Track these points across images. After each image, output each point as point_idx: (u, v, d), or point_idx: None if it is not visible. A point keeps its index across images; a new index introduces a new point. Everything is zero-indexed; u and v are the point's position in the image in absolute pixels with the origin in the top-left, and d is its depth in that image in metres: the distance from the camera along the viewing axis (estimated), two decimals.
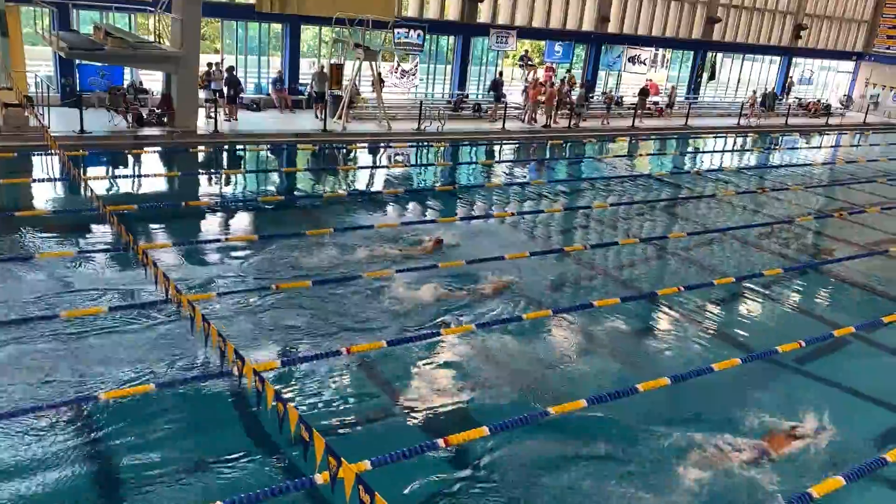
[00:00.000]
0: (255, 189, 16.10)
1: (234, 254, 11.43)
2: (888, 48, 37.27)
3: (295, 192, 16.20)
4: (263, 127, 20.64)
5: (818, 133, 32.38)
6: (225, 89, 20.85)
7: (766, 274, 12.66)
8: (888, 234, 16.29)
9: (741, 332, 10.48)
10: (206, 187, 16.19)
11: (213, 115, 19.49)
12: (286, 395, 7.52)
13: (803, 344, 9.62)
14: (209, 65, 21.39)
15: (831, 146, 30.77)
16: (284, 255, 11.42)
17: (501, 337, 9.35)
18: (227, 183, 16.54)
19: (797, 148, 29.33)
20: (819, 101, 36.33)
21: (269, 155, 19.38)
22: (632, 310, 10.68)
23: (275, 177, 17.56)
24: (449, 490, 6.47)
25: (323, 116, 21.50)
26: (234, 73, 21.34)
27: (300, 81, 24.47)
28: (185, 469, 6.38)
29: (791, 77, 37.25)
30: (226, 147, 19.24)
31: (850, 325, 10.57)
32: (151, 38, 20.32)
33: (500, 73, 27.83)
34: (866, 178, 22.28)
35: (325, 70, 22.14)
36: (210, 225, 13.25)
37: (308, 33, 26.72)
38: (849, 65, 38.84)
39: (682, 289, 11.44)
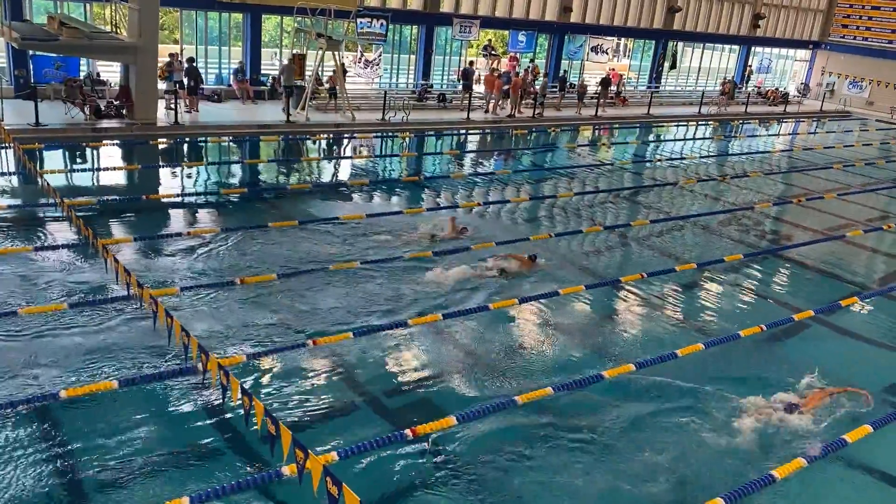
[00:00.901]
0: (218, 181, 15.89)
1: (197, 247, 11.28)
2: (843, 37, 38.06)
3: (258, 185, 16.03)
4: (225, 118, 20.36)
5: (777, 121, 32.98)
6: (185, 80, 20.51)
7: (727, 260, 12.89)
8: (845, 220, 16.69)
9: (703, 318, 10.67)
10: (168, 180, 15.93)
11: (173, 106, 19.17)
12: (253, 389, 7.48)
13: (764, 328, 9.84)
14: (170, 55, 21.01)
15: (789, 133, 31.38)
16: (249, 248, 11.31)
17: (467, 326, 9.39)
18: (189, 176, 16.30)
19: (756, 136, 29.84)
20: (777, 89, 36.97)
21: (232, 147, 19.13)
22: (596, 296, 10.80)
23: (237, 169, 17.35)
24: (418, 480, 6.49)
25: (293, 107, 21.28)
26: (195, 63, 20.99)
27: (262, 72, 24.16)
28: (150, 466, 6.30)
29: (750, 66, 37.84)
30: (187, 139, 18.95)
31: (809, 308, 10.82)
32: (108, 29, 19.88)
33: (471, 63, 27.86)
34: (823, 165, 22.77)
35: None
36: (172, 218, 13.04)
37: (269, 23, 26.44)
38: (806, 53, 39.60)
39: (645, 275, 11.58)
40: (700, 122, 30.00)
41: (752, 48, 37.57)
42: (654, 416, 7.75)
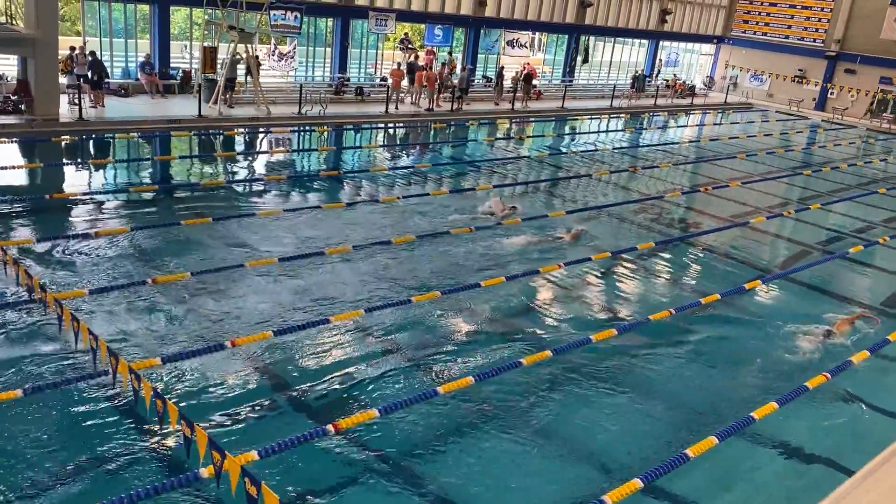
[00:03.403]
0: (127, 179, 15.33)
1: (105, 248, 10.85)
2: (744, 32, 39.80)
3: (169, 181, 15.54)
4: (133, 113, 19.63)
5: (684, 113, 34.23)
6: (89, 74, 19.65)
7: (640, 248, 13.33)
8: (749, 207, 17.50)
9: (616, 304, 11.01)
10: (73, 178, 15.26)
11: (76, 101, 18.34)
12: (169, 392, 7.29)
13: (673, 312, 10.24)
14: (72, 48, 20.06)
15: (696, 125, 32.63)
16: (161, 247, 10.97)
17: (389, 320, 9.40)
18: (96, 173, 15.65)
19: (666, 127, 30.89)
20: (684, 81, 38.33)
21: (141, 142, 18.46)
22: (514, 287, 10.97)
23: (147, 166, 16.77)
24: (342, 476, 6.47)
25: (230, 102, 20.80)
26: (98, 56, 20.13)
27: (171, 65, 23.39)
28: (61, 475, 6.06)
29: (660, 59, 39.11)
30: (92, 135, 18.18)
31: (716, 292, 11.31)
32: (3, 19, 18.82)
33: (416, 57, 28.03)
34: (728, 155, 23.77)
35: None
36: (77, 218, 12.49)
37: (179, 15, 25.62)
38: (710, 47, 41.21)
39: (562, 265, 11.85)
40: (612, 115, 30.82)
41: (661, 42, 38.82)
42: (577, 400, 7.97)
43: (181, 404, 7.05)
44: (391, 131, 23.73)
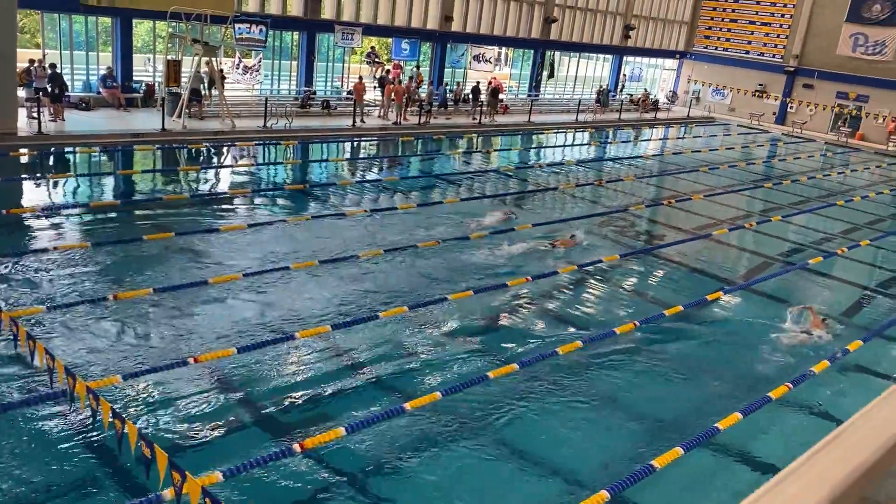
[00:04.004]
0: (87, 193, 15.05)
1: (64, 264, 10.62)
2: (706, 47, 40.62)
3: (131, 196, 15.30)
4: (94, 127, 19.32)
5: (648, 127, 34.74)
6: (48, 87, 19.31)
7: (605, 260, 13.44)
8: (711, 219, 17.77)
9: (582, 317, 11.07)
10: (31, 193, 14.93)
11: (35, 115, 18.00)
12: (129, 411, 7.13)
13: (638, 324, 10.33)
14: (31, 61, 19.70)
15: (660, 139, 33.13)
16: (122, 263, 10.77)
17: (356, 336, 9.33)
18: (55, 188, 15.34)
19: (630, 141, 31.29)
20: (648, 94, 38.88)
21: (102, 157, 18.15)
22: (483, 300, 10.97)
23: (109, 180, 16.49)
24: (308, 496, 6.38)
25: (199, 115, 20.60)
26: (58, 69, 19.81)
27: (134, 79, 23.10)
28: (17, 500, 5.88)
29: (624, 74, 39.68)
30: (52, 149, 17.84)
31: (679, 304, 11.44)
32: None
33: (387, 72, 28.08)
34: (691, 168, 24.15)
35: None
36: (36, 234, 12.21)
37: (142, 27, 25.36)
38: (673, 62, 41.97)
39: (531, 279, 11.89)
40: (578, 129, 31.15)
41: (624, 57, 39.43)
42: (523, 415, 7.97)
43: (142, 424, 6.92)
44: (358, 145, 23.68)
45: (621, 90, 38.96)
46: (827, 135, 35.34)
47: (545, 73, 35.33)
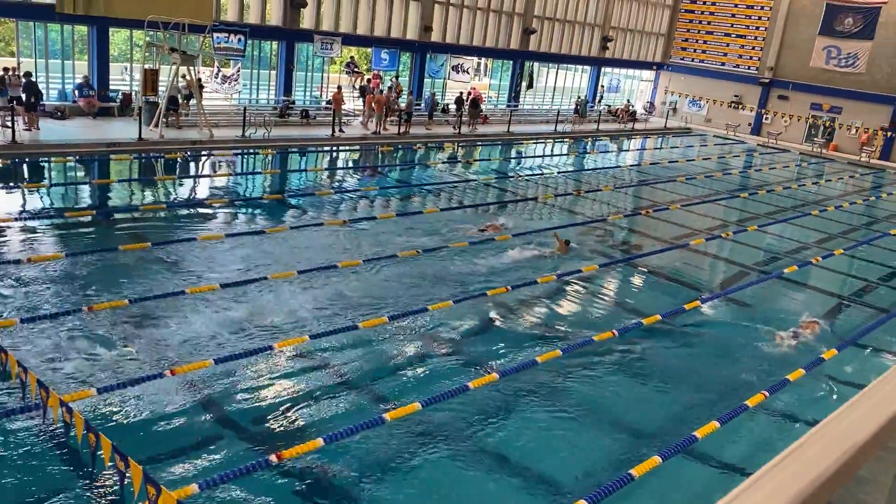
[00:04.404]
0: (62, 203, 14.87)
1: (38, 275, 10.48)
2: (683, 59, 41.10)
3: (107, 206, 15.14)
4: (70, 136, 19.10)
5: (626, 137, 35.03)
6: (23, 96, 19.08)
7: (585, 270, 13.50)
8: (688, 229, 17.93)
9: (561, 325, 11.10)
10: (4, 203, 14.69)
11: (9, 124, 17.78)
12: (104, 424, 7.03)
13: (616, 332, 10.38)
14: (5, 70, 19.47)
15: (637, 149, 33.41)
16: (97, 274, 10.64)
17: (335, 346, 9.29)
18: (29, 197, 15.14)
19: (608, 151, 31.54)
20: (628, 104, 39.25)
21: (78, 166, 17.96)
22: (464, 310, 10.97)
23: (85, 190, 16.31)
24: None
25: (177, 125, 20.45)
26: (32, 78, 19.60)
27: (111, 87, 22.90)
28: None
29: (602, 85, 40.03)
30: (26, 158, 17.61)
31: (657, 312, 11.51)
32: None
33: (368, 81, 28.17)
34: (668, 178, 24.38)
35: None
36: (9, 245, 12.02)
37: (119, 36, 25.16)
38: (650, 74, 42.41)
39: (510, 288, 11.91)
40: (556, 140, 31.34)
41: (602, 68, 39.78)
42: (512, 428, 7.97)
43: (116, 437, 6.81)
44: (337, 154, 23.64)
45: (599, 101, 39.28)
46: (801, 145, 35.86)
47: (524, 84, 35.54)
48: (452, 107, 29.81)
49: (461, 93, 30.21)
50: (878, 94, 34.18)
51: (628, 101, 39.46)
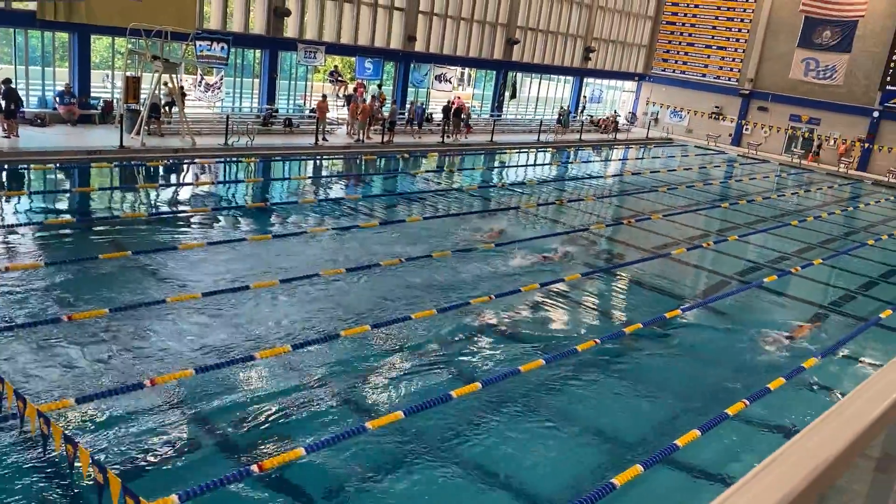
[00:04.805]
0: (42, 211, 14.72)
1: (16, 284, 10.35)
2: (664, 70, 41.50)
3: (88, 214, 15.00)
4: (50, 144, 18.93)
5: (608, 147, 35.26)
6: (3, 103, 18.90)
7: (567, 279, 13.55)
8: (670, 238, 18.05)
9: (544, 334, 11.12)
10: None
11: None
12: (83, 435, 6.94)
13: (598, 341, 10.42)
14: None
15: (619, 159, 33.65)
16: (77, 283, 10.53)
17: (317, 355, 9.24)
18: (7, 205, 14.97)
19: (590, 161, 31.72)
20: (615, 114, 39.57)
21: (58, 174, 17.79)
22: (446, 319, 10.97)
23: (64, 197, 16.16)
24: None
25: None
26: (12, 85, 19.41)
27: (92, 95, 22.73)
28: None
29: (584, 95, 40.32)
30: (5, 166, 17.42)
31: (639, 321, 11.57)
32: None
33: (355, 89, 28.18)
34: (650, 188, 24.55)
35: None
36: None
37: (100, 43, 25.00)
38: (632, 84, 42.77)
39: (493, 297, 11.92)
40: (539, 149, 31.48)
41: (585, 79, 40.07)
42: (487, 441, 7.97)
43: (95, 448, 6.74)
44: (320, 163, 23.60)
45: (582, 111, 39.55)
46: (781, 156, 36.29)
47: (507, 94, 35.71)
48: (438, 116, 29.87)
49: (448, 101, 30.34)
50: (855, 106, 34.70)
51: (615, 111, 39.78)
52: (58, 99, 21.58)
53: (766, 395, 9.36)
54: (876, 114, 34.24)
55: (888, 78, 33.73)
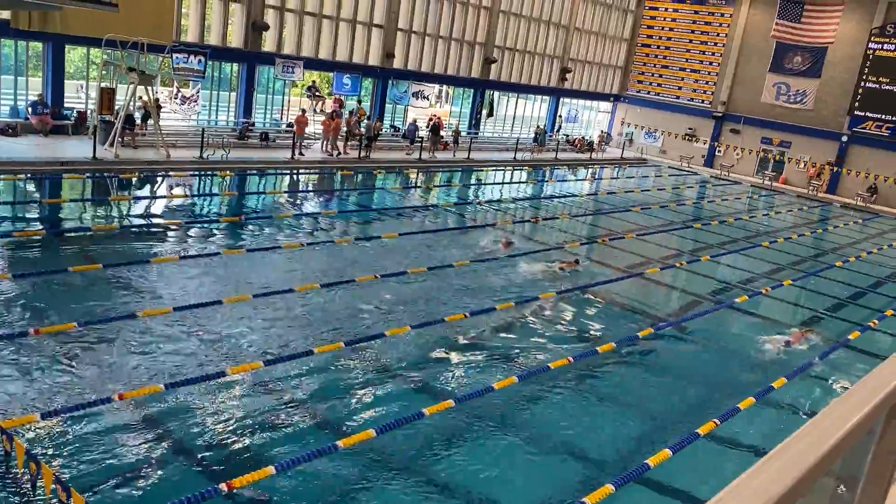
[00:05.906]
0: (10, 222, 14.47)
1: None
2: (639, 91, 42.07)
3: (58, 226, 14.79)
4: (21, 154, 18.66)
5: (583, 167, 35.58)
6: None
7: (542, 297, 13.59)
8: (643, 258, 18.22)
9: (518, 352, 11.13)
10: None
11: None
12: (47, 453, 6.80)
13: (572, 360, 10.46)
14: None
15: (594, 179, 33.96)
16: (45, 296, 10.36)
17: (289, 372, 9.16)
18: None
19: (566, 180, 31.97)
20: (603, 134, 40.06)
21: (28, 185, 17.53)
22: (419, 336, 10.93)
23: (34, 209, 15.92)
24: None
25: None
26: None
27: (65, 105, 22.48)
28: None
29: (560, 115, 40.71)
30: None
31: (611, 340, 11.64)
32: None
33: (341, 105, 28.16)
34: (624, 208, 24.79)
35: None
36: None
37: (75, 53, 24.78)
38: (608, 105, 43.28)
39: (468, 315, 11.92)
40: (515, 167, 31.67)
41: (561, 99, 40.48)
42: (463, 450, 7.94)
43: (59, 466, 6.60)
44: (296, 178, 23.52)
45: (558, 131, 39.91)
46: (753, 178, 36.87)
47: (484, 112, 35.94)
48: (424, 133, 29.97)
49: (430, 118, 30.51)
50: (824, 130, 35.42)
51: (602, 131, 40.44)
52: (30, 109, 21.30)
53: (737, 415, 9.44)
54: (845, 138, 34.97)
55: (856, 103, 34.50)
